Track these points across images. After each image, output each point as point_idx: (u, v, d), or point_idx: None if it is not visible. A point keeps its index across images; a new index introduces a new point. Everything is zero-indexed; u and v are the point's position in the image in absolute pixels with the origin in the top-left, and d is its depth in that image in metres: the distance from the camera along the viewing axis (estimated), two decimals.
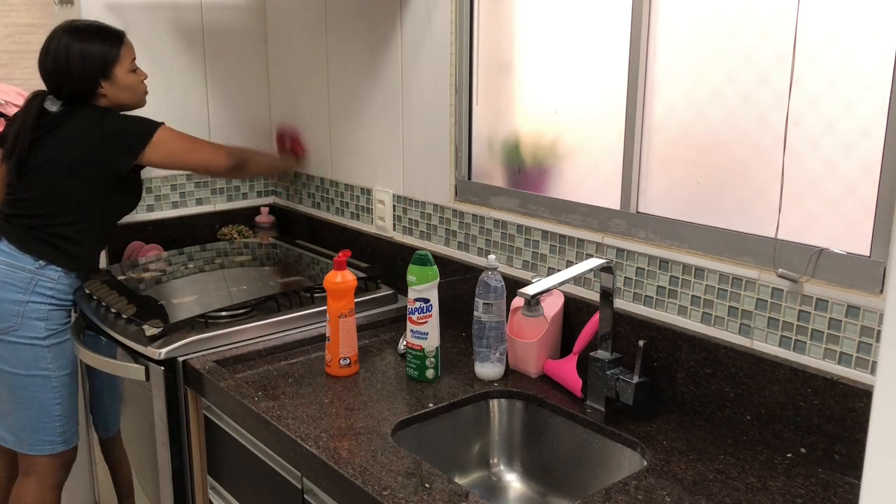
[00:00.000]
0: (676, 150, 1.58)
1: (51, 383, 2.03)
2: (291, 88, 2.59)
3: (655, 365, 1.59)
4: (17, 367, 1.99)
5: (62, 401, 2.05)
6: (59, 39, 1.97)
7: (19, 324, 1.96)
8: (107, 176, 2.01)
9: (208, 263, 2.33)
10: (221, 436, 1.75)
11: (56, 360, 2.02)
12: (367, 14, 2.21)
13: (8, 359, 1.99)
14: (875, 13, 1.26)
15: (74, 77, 1.97)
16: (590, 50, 1.71)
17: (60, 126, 2.00)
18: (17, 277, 1.97)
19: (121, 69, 2.02)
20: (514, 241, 1.88)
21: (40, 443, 2.05)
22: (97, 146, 1.98)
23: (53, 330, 2.02)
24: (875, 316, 1.29)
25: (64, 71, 1.96)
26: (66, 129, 2.00)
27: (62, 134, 2.00)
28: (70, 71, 1.96)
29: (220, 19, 2.56)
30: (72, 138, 1.99)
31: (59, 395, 2.05)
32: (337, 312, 1.69)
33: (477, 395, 1.65)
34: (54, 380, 2.03)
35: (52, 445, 2.07)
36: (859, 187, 1.31)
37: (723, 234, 1.49)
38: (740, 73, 1.45)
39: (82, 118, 2.01)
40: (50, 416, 2.04)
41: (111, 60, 2.00)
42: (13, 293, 1.96)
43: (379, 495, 1.26)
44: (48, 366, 2.01)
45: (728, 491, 1.29)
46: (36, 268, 1.98)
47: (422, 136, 2.10)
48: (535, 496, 1.61)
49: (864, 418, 1.30)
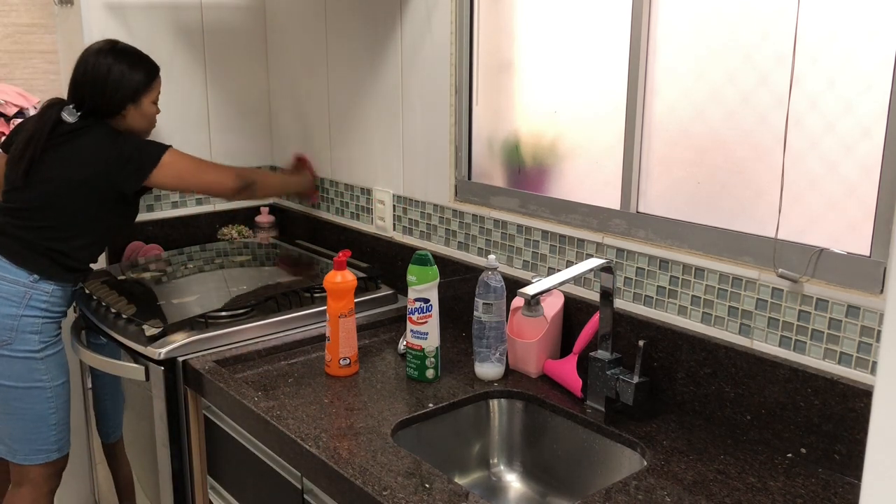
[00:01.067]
0: (676, 150, 1.58)
1: (45, 394, 2.01)
2: (291, 88, 2.59)
3: (655, 365, 1.59)
4: (11, 380, 1.97)
5: (56, 410, 2.04)
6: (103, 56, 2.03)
7: (13, 338, 1.95)
8: (113, 195, 2.02)
9: (208, 263, 2.33)
10: (221, 436, 1.75)
11: (50, 370, 2.01)
12: (366, 14, 2.21)
13: (1, 372, 1.97)
14: (875, 13, 1.26)
15: (108, 94, 2.03)
16: (590, 50, 1.71)
17: (75, 139, 2.01)
18: (12, 291, 1.95)
19: (148, 99, 2.09)
20: (514, 241, 1.88)
21: (35, 452, 2.03)
22: (110, 166, 1.99)
23: (47, 342, 2.00)
24: (875, 316, 1.29)
25: (99, 86, 2.02)
26: (81, 145, 2.00)
27: (76, 149, 2.00)
28: (105, 88, 2.02)
29: (220, 19, 2.56)
30: (85, 155, 2.00)
31: (54, 404, 2.03)
32: (337, 312, 1.69)
33: (477, 395, 1.65)
34: (49, 390, 2.02)
35: (46, 454, 2.05)
36: (859, 187, 1.31)
37: (723, 234, 1.49)
38: (740, 73, 1.44)
39: (98, 136, 2.02)
40: (45, 426, 2.03)
41: (143, 88, 2.07)
42: (7, 307, 1.94)
43: (379, 495, 1.26)
44: (42, 377, 2.00)
45: (728, 491, 1.29)
46: (30, 281, 1.96)
47: (422, 136, 2.10)
48: (535, 496, 1.61)
49: (864, 418, 1.30)
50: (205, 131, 2.58)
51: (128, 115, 2.07)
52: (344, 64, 2.33)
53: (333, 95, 2.40)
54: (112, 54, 2.04)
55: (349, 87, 2.33)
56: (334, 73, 2.38)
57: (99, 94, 2.02)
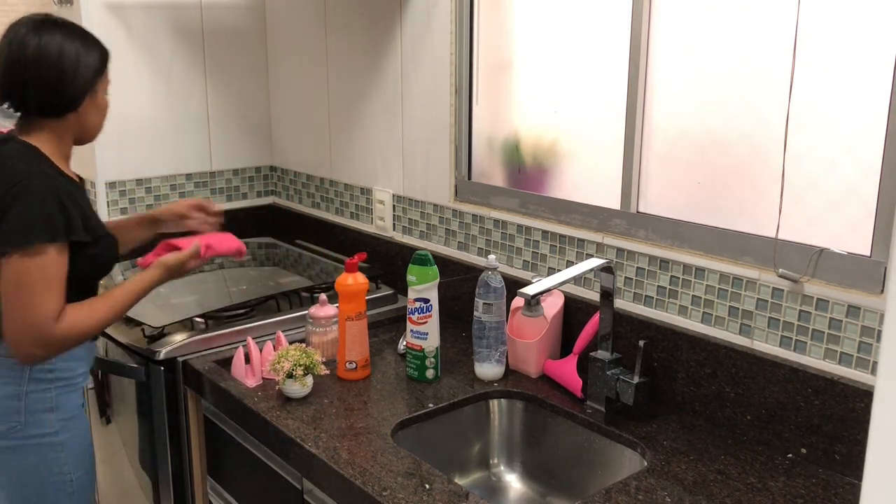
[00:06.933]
0: (676, 150, 1.58)
1: (66, 489, 1.55)
2: (291, 88, 2.59)
3: (656, 365, 1.59)
4: (22, 481, 1.52)
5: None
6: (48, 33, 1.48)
7: (23, 422, 1.50)
8: None
9: (208, 263, 2.33)
10: (221, 436, 1.75)
11: (72, 457, 1.56)
12: (367, 14, 2.21)
13: (11, 472, 1.52)
14: (875, 13, 1.26)
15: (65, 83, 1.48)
16: (590, 50, 1.71)
17: None
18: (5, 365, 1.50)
19: (103, 86, 1.57)
20: (514, 241, 1.88)
21: None
22: None
23: (67, 418, 1.55)
24: (875, 316, 1.29)
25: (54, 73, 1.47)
26: None
27: None
28: (62, 74, 1.48)
29: (220, 19, 2.56)
30: None
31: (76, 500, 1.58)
32: (344, 315, 1.68)
33: (477, 395, 1.64)
34: (70, 484, 1.56)
35: None
36: (860, 187, 1.31)
37: (723, 234, 1.49)
38: (740, 74, 1.44)
39: None
40: None
41: (99, 73, 1.55)
42: (4, 386, 1.50)
43: (379, 496, 1.25)
44: (63, 467, 1.54)
45: (728, 491, 1.29)
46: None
47: (422, 136, 2.10)
48: (535, 496, 1.61)
49: (864, 418, 1.30)
50: (205, 131, 2.58)
51: (82, 112, 1.53)
52: (344, 64, 2.33)
53: (333, 95, 2.40)
54: (58, 29, 1.49)
55: (349, 87, 2.33)
56: (334, 72, 2.38)
57: (53, 84, 1.47)
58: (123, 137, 2.40)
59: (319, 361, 1.60)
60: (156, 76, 2.44)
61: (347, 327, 1.68)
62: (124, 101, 2.36)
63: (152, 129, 2.46)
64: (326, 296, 1.80)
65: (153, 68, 2.43)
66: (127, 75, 2.36)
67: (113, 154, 2.38)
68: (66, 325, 1.45)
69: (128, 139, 2.41)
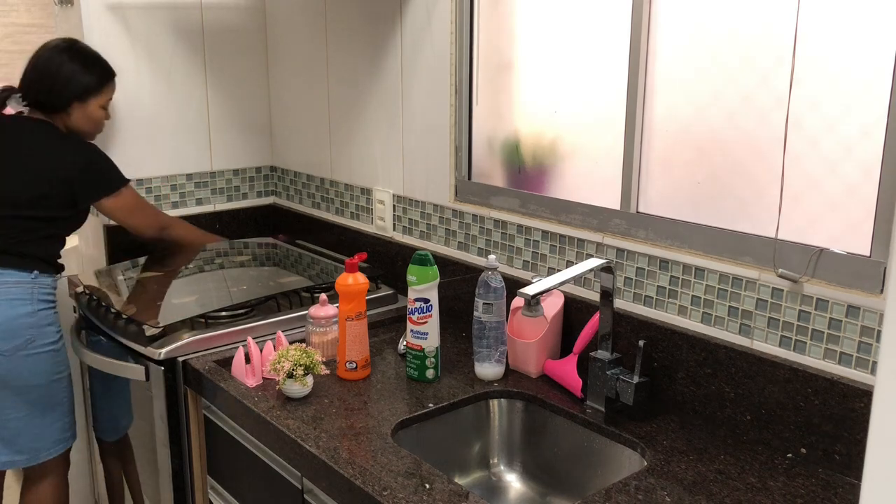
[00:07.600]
0: (676, 150, 1.58)
1: (64, 383, 2.07)
2: (291, 88, 2.59)
3: (655, 365, 1.59)
4: (39, 379, 2.00)
5: (69, 396, 2.09)
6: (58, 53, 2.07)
7: (35, 335, 1.98)
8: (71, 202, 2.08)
9: (208, 263, 2.33)
10: (221, 436, 1.75)
11: (66, 359, 2.08)
12: (367, 14, 2.21)
13: (31, 373, 1.99)
14: (875, 14, 1.26)
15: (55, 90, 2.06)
16: (590, 50, 1.71)
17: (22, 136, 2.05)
18: (19, 291, 1.98)
19: (96, 102, 2.12)
20: (514, 241, 1.88)
21: (54, 444, 2.07)
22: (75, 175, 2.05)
23: (59, 331, 2.06)
24: (875, 316, 1.29)
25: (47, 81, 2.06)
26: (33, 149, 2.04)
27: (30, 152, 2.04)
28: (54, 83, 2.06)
29: (220, 19, 2.56)
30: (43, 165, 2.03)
31: (69, 392, 2.09)
32: (344, 315, 1.68)
33: (477, 395, 1.65)
34: (66, 378, 2.08)
35: (64, 443, 2.10)
36: (859, 187, 1.31)
37: (723, 234, 1.49)
38: (740, 74, 1.44)
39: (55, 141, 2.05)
40: (62, 415, 2.08)
41: (93, 91, 2.10)
42: (22, 306, 1.97)
43: (379, 495, 1.26)
44: (61, 367, 2.06)
45: (728, 491, 1.29)
46: (32, 278, 2.01)
47: (422, 136, 2.10)
48: (535, 496, 1.61)
49: (864, 418, 1.30)
50: (205, 131, 2.58)
51: (73, 114, 2.09)
52: (344, 64, 2.33)
53: (333, 95, 2.40)
54: (67, 53, 2.08)
55: (349, 87, 2.33)
56: (334, 73, 2.38)
57: (47, 89, 2.06)
58: (124, 137, 2.40)
59: (319, 361, 1.61)
60: (156, 76, 2.44)
61: (347, 327, 1.68)
62: (124, 101, 2.37)
63: (152, 129, 2.47)
64: (326, 296, 1.81)
65: (153, 68, 2.43)
66: (127, 75, 2.36)
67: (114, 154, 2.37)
68: (167, 217, 2.33)
69: (128, 139, 2.41)
